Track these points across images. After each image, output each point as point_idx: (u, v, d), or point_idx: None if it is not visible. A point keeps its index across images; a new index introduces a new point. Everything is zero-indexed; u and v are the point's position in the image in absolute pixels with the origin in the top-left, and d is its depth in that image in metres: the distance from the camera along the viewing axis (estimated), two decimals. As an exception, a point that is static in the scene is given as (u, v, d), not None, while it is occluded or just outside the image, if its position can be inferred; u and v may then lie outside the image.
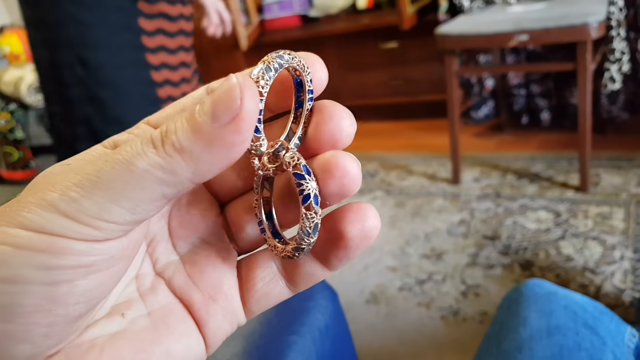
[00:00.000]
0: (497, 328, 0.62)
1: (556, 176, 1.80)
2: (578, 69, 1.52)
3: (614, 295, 1.25)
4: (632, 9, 1.74)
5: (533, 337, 0.55)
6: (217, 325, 0.23)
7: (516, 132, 2.21)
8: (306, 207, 0.20)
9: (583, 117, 1.57)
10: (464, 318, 1.28)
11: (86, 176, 0.18)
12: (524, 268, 1.40)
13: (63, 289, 0.18)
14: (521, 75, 2.11)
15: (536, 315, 0.58)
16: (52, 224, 0.18)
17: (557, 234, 1.50)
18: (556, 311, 0.58)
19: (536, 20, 1.54)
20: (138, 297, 0.23)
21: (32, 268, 0.17)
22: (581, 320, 0.56)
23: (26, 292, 0.18)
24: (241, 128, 0.18)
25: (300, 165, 0.20)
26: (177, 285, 0.24)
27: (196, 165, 0.18)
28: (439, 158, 2.12)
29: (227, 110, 0.18)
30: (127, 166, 0.18)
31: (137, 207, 0.18)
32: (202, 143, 0.18)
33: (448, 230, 1.63)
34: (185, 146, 0.18)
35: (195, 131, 0.18)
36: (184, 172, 0.18)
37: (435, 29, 1.72)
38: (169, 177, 0.18)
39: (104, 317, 0.22)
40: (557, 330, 0.55)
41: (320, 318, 0.68)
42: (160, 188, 0.18)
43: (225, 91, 0.18)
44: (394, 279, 1.46)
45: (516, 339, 0.56)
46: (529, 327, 0.57)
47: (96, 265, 0.19)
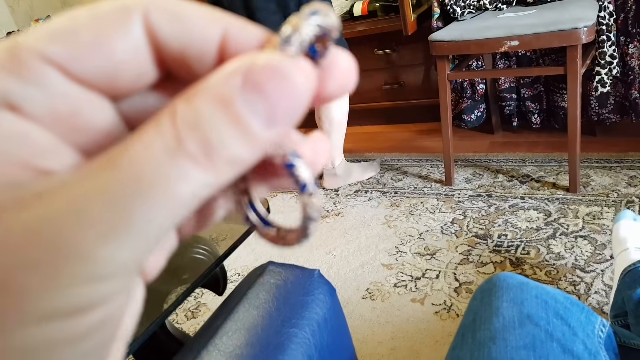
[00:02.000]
0: (471, 318, 0.63)
1: (546, 177, 1.84)
2: (568, 72, 1.55)
3: (604, 292, 1.28)
4: (622, 13, 1.77)
5: (506, 328, 0.57)
6: None
7: (507, 135, 2.25)
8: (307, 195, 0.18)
9: (573, 120, 1.60)
10: (457, 314, 1.32)
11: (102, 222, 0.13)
12: (515, 266, 1.43)
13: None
14: (512, 79, 2.15)
15: (508, 304, 0.59)
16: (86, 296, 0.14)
17: (548, 232, 1.54)
18: (527, 300, 0.59)
19: (527, 26, 1.58)
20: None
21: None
22: (552, 310, 0.58)
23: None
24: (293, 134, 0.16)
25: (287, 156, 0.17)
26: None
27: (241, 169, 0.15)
28: (432, 160, 2.16)
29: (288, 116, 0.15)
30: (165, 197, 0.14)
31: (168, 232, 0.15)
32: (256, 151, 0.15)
33: (441, 229, 1.67)
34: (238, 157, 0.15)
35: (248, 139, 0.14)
36: (228, 180, 0.15)
37: (429, 36, 1.76)
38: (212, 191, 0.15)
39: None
40: (529, 320, 0.57)
41: (319, 312, 0.69)
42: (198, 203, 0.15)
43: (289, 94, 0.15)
44: (390, 276, 1.50)
45: (490, 329, 0.58)
46: (502, 317, 0.58)
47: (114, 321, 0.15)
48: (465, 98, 2.23)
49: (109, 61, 0.15)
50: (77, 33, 0.15)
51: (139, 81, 0.16)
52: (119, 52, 0.15)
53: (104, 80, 0.15)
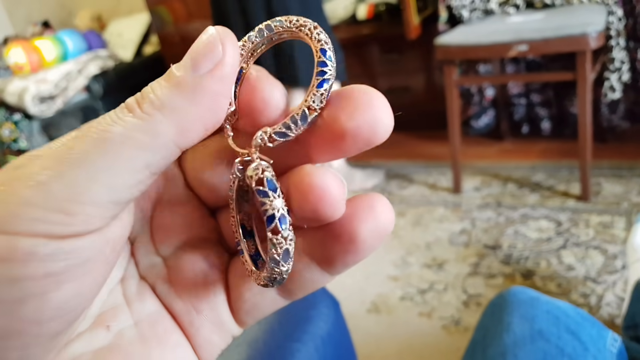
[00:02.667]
0: (481, 334, 0.62)
1: (557, 185, 1.80)
2: (578, 78, 1.52)
3: (616, 304, 1.25)
4: (631, 18, 1.74)
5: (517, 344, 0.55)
6: (204, 338, 0.21)
7: (517, 142, 2.22)
8: (272, 231, 0.17)
9: (583, 126, 1.57)
10: (466, 328, 1.28)
11: (55, 156, 0.15)
12: (525, 277, 1.40)
13: (33, 305, 0.15)
14: (521, 85, 2.12)
15: (519, 320, 0.58)
16: (15, 218, 0.14)
17: (559, 243, 1.50)
18: (539, 316, 0.58)
19: (535, 30, 1.55)
20: (124, 303, 0.20)
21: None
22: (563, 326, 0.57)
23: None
24: (224, 74, 0.17)
25: (264, 180, 0.17)
26: (160, 293, 0.21)
27: (180, 120, 0.16)
28: (439, 167, 2.13)
29: (209, 57, 0.17)
30: (102, 135, 0.16)
31: (117, 182, 0.16)
32: (184, 95, 0.16)
33: (449, 239, 1.64)
34: (166, 101, 0.16)
35: (175, 85, 0.17)
36: (166, 130, 0.16)
37: (435, 39, 1.73)
38: (151, 140, 0.16)
39: (87, 330, 0.19)
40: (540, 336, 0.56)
41: (322, 326, 0.68)
42: (142, 155, 0.16)
43: (205, 40, 0.17)
44: (395, 288, 1.47)
45: (500, 345, 0.57)
46: (513, 333, 0.57)
47: (69, 271, 0.15)
48: (472, 104, 2.20)
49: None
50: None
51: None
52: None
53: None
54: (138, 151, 0.16)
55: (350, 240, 0.18)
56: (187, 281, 0.21)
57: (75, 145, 0.16)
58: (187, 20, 2.85)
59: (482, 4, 1.92)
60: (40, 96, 2.74)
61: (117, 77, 3.04)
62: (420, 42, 2.17)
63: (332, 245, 0.18)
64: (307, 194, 0.17)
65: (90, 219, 0.15)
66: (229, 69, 0.17)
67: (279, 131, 0.18)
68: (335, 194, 0.17)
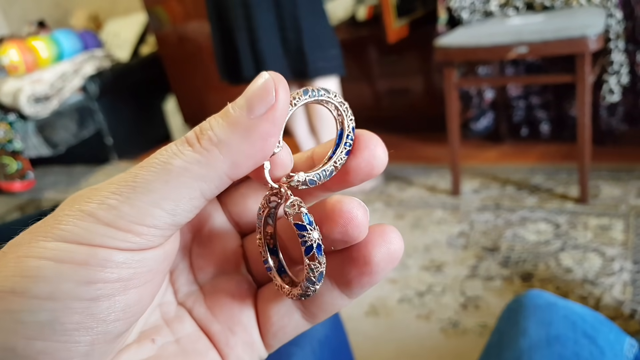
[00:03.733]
0: (497, 338, 0.62)
1: (556, 188, 1.80)
2: (577, 81, 1.52)
3: (613, 307, 1.24)
4: (630, 21, 1.74)
5: (533, 347, 0.55)
6: (237, 357, 0.23)
7: (516, 144, 2.21)
8: (309, 258, 0.20)
9: (582, 129, 1.57)
10: (464, 330, 1.27)
11: (123, 183, 0.18)
12: (523, 280, 1.39)
13: (104, 305, 0.18)
14: (520, 87, 2.11)
15: (536, 325, 0.58)
16: (92, 234, 0.17)
17: (557, 245, 1.50)
18: (556, 321, 0.58)
19: (535, 32, 1.55)
20: (164, 324, 0.23)
21: (74, 283, 0.17)
22: (580, 330, 0.56)
23: (67, 309, 0.17)
24: (276, 118, 0.19)
25: (302, 215, 0.20)
26: (197, 316, 0.23)
27: (233, 156, 0.19)
28: (438, 169, 2.12)
29: (263, 102, 0.19)
30: (164, 166, 0.18)
31: (177, 207, 0.18)
32: (239, 134, 0.19)
33: (448, 241, 1.63)
34: (223, 139, 0.19)
35: (231, 124, 0.19)
36: (221, 165, 0.19)
37: (435, 41, 1.73)
38: (207, 172, 0.18)
39: (134, 343, 0.21)
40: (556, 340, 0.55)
41: (319, 329, 0.67)
42: (199, 185, 0.18)
43: (260, 85, 0.19)
44: (394, 291, 1.46)
45: (516, 349, 0.56)
46: (529, 337, 0.56)
47: (135, 278, 0.18)
48: (472, 106, 2.20)
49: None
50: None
51: None
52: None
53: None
54: (195, 181, 0.18)
55: (365, 263, 0.20)
56: (223, 305, 0.24)
57: (140, 174, 0.18)
58: (185, 20, 2.84)
59: (482, 5, 1.92)
60: (35, 96, 2.72)
61: (113, 77, 3.03)
62: (420, 44, 2.17)
63: (350, 269, 0.21)
64: (338, 218, 0.20)
65: (152, 238, 0.18)
66: (279, 114, 0.19)
67: (311, 179, 0.21)
68: (361, 218, 0.20)
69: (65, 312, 0.17)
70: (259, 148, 0.19)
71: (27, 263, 0.17)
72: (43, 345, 0.17)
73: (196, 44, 2.85)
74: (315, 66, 1.80)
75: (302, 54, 1.79)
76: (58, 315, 0.17)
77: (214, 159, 0.18)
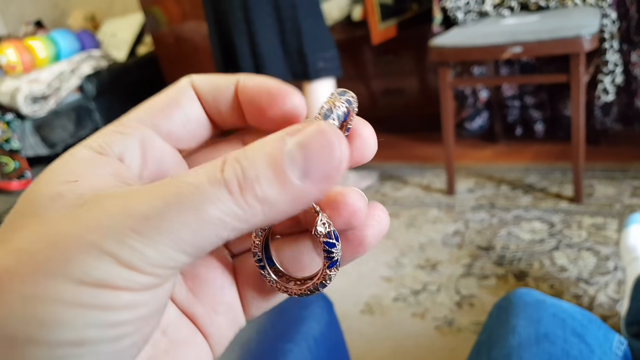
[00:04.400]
0: (486, 336, 0.62)
1: (550, 187, 1.81)
2: (571, 81, 1.53)
3: (607, 305, 1.25)
4: (625, 21, 1.75)
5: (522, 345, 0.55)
6: (221, 334, 0.23)
7: (510, 144, 2.22)
8: (332, 269, 0.21)
9: (576, 129, 1.57)
10: (459, 328, 1.28)
11: (143, 219, 0.16)
12: (518, 278, 1.40)
13: (126, 343, 0.17)
14: (515, 87, 2.12)
15: (525, 323, 0.58)
16: (114, 277, 0.16)
17: (551, 244, 1.51)
18: (545, 319, 0.58)
19: (530, 32, 1.56)
20: None
21: (99, 327, 0.16)
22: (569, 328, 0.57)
23: (93, 353, 0.16)
24: (332, 188, 0.18)
25: (332, 233, 0.20)
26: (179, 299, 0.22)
27: (274, 216, 0.17)
28: (433, 169, 2.13)
29: (325, 170, 0.17)
30: (195, 212, 0.16)
31: (200, 252, 0.17)
32: (289, 198, 0.17)
33: (442, 240, 1.64)
34: (269, 198, 0.17)
35: (282, 184, 0.17)
36: (258, 221, 0.17)
37: (430, 41, 1.73)
38: (242, 227, 0.17)
39: None
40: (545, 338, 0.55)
41: (315, 326, 0.67)
42: (228, 234, 0.17)
43: (324, 147, 0.17)
44: (389, 289, 1.46)
45: (505, 346, 0.56)
46: (518, 335, 0.57)
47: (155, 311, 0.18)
48: (466, 106, 2.21)
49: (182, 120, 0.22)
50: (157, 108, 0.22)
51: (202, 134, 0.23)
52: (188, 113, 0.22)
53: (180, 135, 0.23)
54: (226, 232, 0.17)
55: (359, 244, 0.21)
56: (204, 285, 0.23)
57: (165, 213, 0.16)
58: (182, 20, 2.84)
59: (477, 5, 1.92)
60: (32, 96, 2.72)
61: (110, 77, 3.03)
62: (415, 44, 2.18)
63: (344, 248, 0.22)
64: (342, 210, 0.20)
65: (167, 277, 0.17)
66: (338, 179, 0.17)
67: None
68: (361, 208, 0.20)
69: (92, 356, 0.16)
70: (300, 208, 0.18)
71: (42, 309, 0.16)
72: None
73: (193, 44, 2.86)
74: (315, 67, 1.81)
75: (303, 55, 1.80)
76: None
77: (254, 216, 0.17)
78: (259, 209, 0.17)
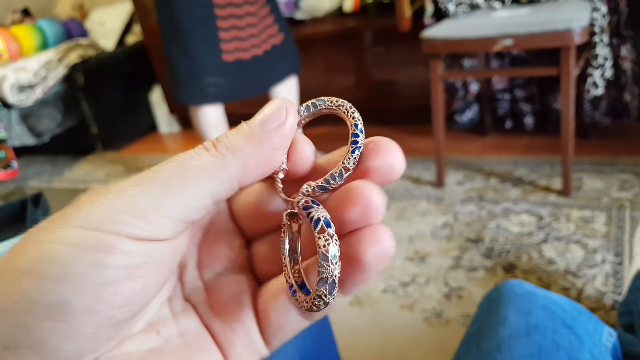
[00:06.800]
0: (476, 327, 0.62)
1: (539, 180, 1.81)
2: (561, 74, 1.53)
3: (595, 298, 1.26)
4: (615, 15, 1.76)
5: (512, 337, 0.55)
6: (237, 354, 0.24)
7: (500, 137, 2.23)
8: (319, 231, 0.21)
9: (566, 122, 1.58)
10: (447, 320, 1.28)
11: (143, 177, 0.20)
12: (506, 271, 1.40)
13: (111, 290, 0.19)
14: (505, 80, 2.12)
15: (515, 314, 0.58)
16: (106, 220, 0.19)
17: (540, 237, 1.51)
18: (535, 310, 0.58)
19: (521, 25, 1.55)
20: (171, 317, 0.24)
21: (84, 266, 0.18)
22: (559, 320, 0.57)
23: (76, 291, 0.18)
24: (285, 134, 0.22)
25: (310, 201, 0.22)
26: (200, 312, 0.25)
27: (244, 162, 0.21)
28: (423, 161, 2.13)
29: (275, 119, 0.22)
30: (182, 165, 0.20)
31: (189, 203, 0.20)
32: (252, 143, 0.21)
33: (432, 233, 1.64)
34: (237, 145, 0.21)
35: (245, 135, 0.21)
36: (233, 167, 0.21)
37: (421, 33, 1.73)
38: (220, 173, 0.21)
39: (140, 333, 0.23)
40: (535, 330, 0.56)
41: None
42: (211, 185, 0.20)
43: (274, 107, 0.22)
44: (378, 281, 1.46)
45: (496, 338, 0.56)
46: (508, 326, 0.57)
47: (142, 268, 0.19)
48: (457, 99, 2.20)
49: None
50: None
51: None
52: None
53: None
54: (208, 180, 0.20)
55: (357, 262, 0.21)
56: (224, 303, 0.25)
57: (159, 170, 0.20)
58: (171, 10, 2.81)
59: (468, -2, 1.92)
60: (19, 85, 2.69)
61: (98, 66, 3.00)
62: (406, 36, 2.17)
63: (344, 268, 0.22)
64: (358, 200, 0.21)
65: (162, 228, 0.20)
66: (288, 130, 0.22)
67: (320, 185, 0.23)
68: (378, 201, 0.21)
69: (74, 294, 0.18)
70: (268, 157, 0.21)
71: (43, 247, 0.18)
72: (52, 325, 0.18)
73: (182, 34, 2.83)
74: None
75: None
76: (67, 297, 0.18)
77: (227, 162, 0.21)
78: (230, 156, 0.21)
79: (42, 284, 0.18)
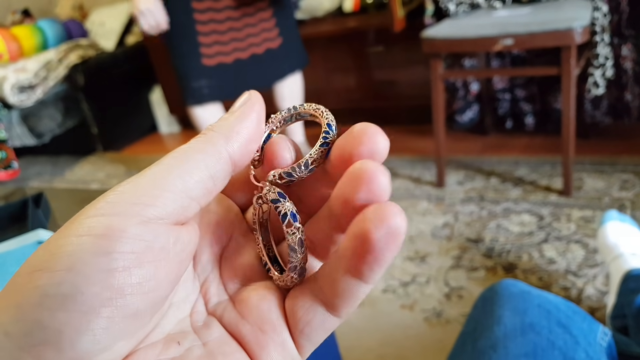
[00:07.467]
0: (472, 326, 0.62)
1: (540, 180, 1.81)
2: (562, 73, 1.53)
3: (596, 298, 1.25)
4: (616, 14, 1.75)
5: (508, 336, 0.55)
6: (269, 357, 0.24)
7: (500, 136, 2.22)
8: (286, 225, 0.23)
9: (567, 122, 1.58)
10: (448, 320, 1.28)
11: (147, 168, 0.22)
12: (507, 271, 1.40)
13: (120, 276, 0.19)
14: (506, 80, 2.12)
15: (510, 313, 0.58)
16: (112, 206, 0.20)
17: (540, 237, 1.51)
18: (530, 309, 0.58)
19: (521, 24, 1.55)
20: (192, 331, 0.24)
21: (92, 254, 0.19)
22: (554, 319, 0.57)
23: (87, 280, 0.19)
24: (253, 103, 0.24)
25: (275, 193, 0.24)
26: (227, 321, 0.25)
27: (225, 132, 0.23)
28: (423, 161, 2.13)
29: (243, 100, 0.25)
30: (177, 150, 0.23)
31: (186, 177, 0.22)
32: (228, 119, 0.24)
33: (432, 232, 1.63)
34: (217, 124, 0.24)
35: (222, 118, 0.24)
36: (217, 139, 0.23)
37: (422, 32, 1.72)
38: (207, 146, 0.23)
39: (160, 342, 0.23)
40: (531, 329, 0.56)
41: None
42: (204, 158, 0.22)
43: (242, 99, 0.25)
44: (378, 281, 1.46)
45: (491, 337, 0.57)
46: (504, 325, 0.57)
47: (148, 252, 0.20)
48: (457, 99, 2.20)
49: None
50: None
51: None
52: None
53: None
54: (201, 155, 0.22)
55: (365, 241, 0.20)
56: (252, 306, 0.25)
57: (161, 159, 0.22)
58: (171, 10, 2.81)
59: (468, -3, 1.92)
60: (19, 85, 2.69)
61: (98, 67, 3.00)
62: (407, 36, 2.17)
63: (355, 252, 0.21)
64: (361, 176, 0.21)
65: (167, 202, 0.21)
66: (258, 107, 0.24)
67: (286, 171, 0.24)
68: (382, 178, 0.21)
69: (86, 283, 0.18)
70: (244, 125, 0.24)
71: (57, 242, 0.19)
72: (66, 316, 0.18)
73: (182, 34, 2.83)
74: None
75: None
76: (79, 286, 0.18)
77: (211, 136, 0.23)
78: (213, 132, 0.23)
79: (53, 276, 0.18)
